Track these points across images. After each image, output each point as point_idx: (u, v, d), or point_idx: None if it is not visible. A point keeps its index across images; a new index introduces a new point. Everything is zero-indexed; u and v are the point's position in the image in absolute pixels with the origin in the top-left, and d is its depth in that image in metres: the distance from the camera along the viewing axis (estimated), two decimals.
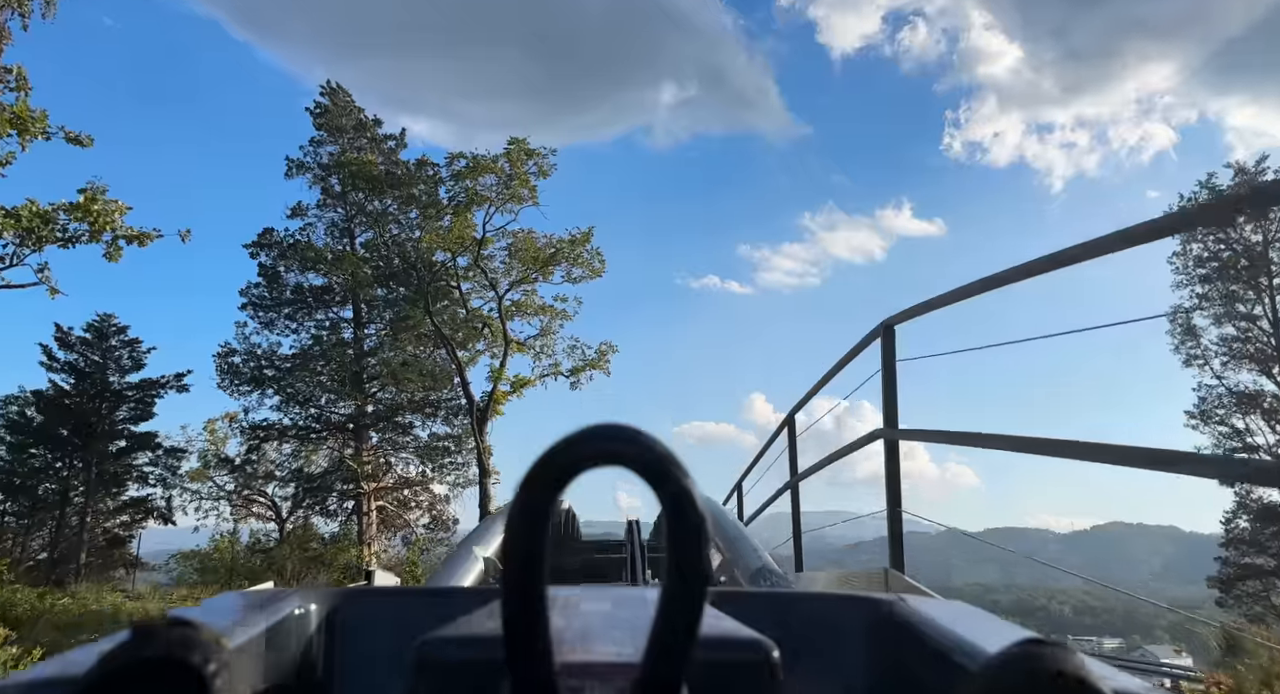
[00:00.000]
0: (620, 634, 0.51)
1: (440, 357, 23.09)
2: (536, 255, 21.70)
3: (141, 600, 16.33)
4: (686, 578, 0.36)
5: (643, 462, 0.36)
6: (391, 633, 0.72)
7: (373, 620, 0.74)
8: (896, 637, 0.69)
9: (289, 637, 0.65)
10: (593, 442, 0.36)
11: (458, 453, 24.06)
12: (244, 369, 22.57)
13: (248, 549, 21.11)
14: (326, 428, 23.37)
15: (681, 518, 0.36)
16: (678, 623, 0.36)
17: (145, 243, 14.06)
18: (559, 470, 0.36)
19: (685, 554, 0.36)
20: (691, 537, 0.36)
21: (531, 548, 0.36)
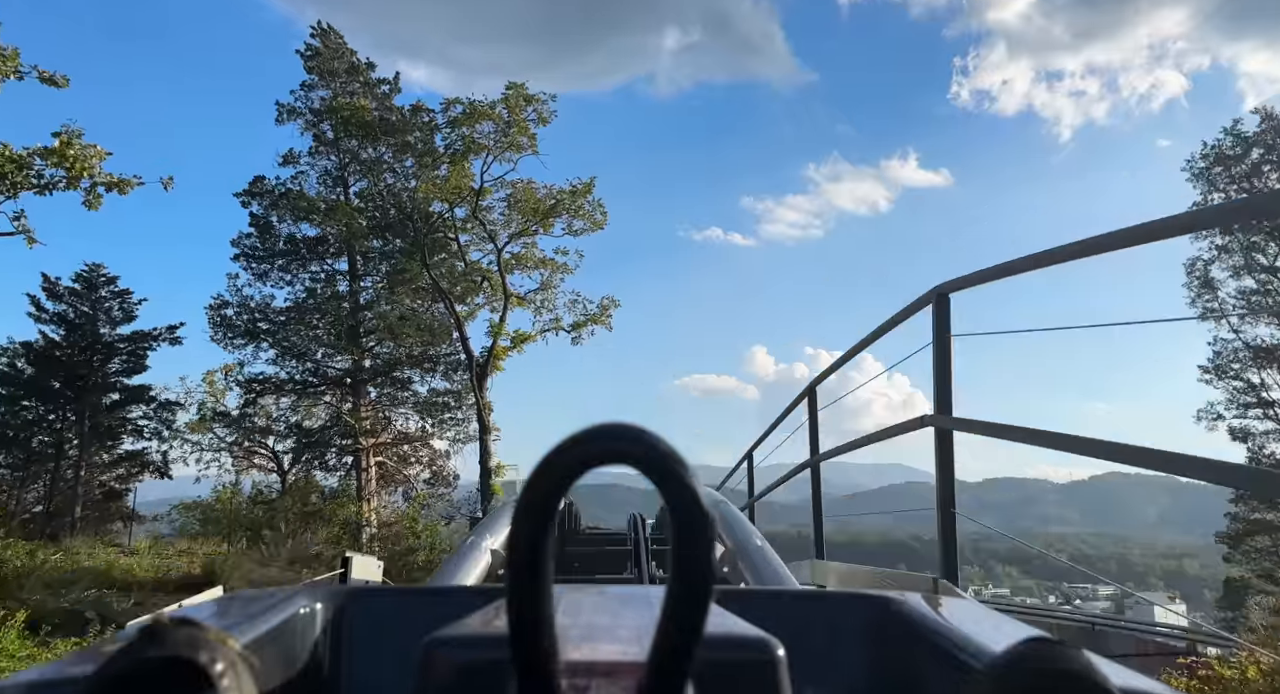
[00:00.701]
0: (626, 633, 0.50)
1: (438, 311, 22.53)
2: (536, 207, 20.97)
3: (136, 556, 16.10)
4: (691, 577, 0.36)
5: (647, 460, 0.36)
6: (397, 632, 0.71)
7: (379, 619, 0.73)
8: (902, 635, 0.68)
9: (295, 636, 0.65)
10: (597, 441, 0.37)
11: (458, 408, 23.68)
12: (237, 322, 22.05)
13: (250, 501, 20.97)
14: (324, 382, 22.95)
15: (686, 517, 0.36)
16: (683, 622, 0.36)
17: (126, 190, 13.43)
18: (563, 469, 0.37)
19: (690, 553, 0.36)
20: (696, 536, 0.36)
21: (536, 547, 0.36)
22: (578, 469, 0.36)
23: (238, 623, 0.57)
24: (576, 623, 0.53)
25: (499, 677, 0.43)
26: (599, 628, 0.53)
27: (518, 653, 0.37)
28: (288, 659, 0.63)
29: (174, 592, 13.44)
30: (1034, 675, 0.37)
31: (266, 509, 20.15)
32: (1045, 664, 0.37)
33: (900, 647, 0.69)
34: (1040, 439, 2.55)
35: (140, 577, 14.39)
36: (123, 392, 22.03)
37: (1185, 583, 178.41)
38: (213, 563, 14.81)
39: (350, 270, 23.24)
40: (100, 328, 21.94)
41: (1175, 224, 2.24)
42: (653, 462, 0.36)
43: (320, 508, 20.28)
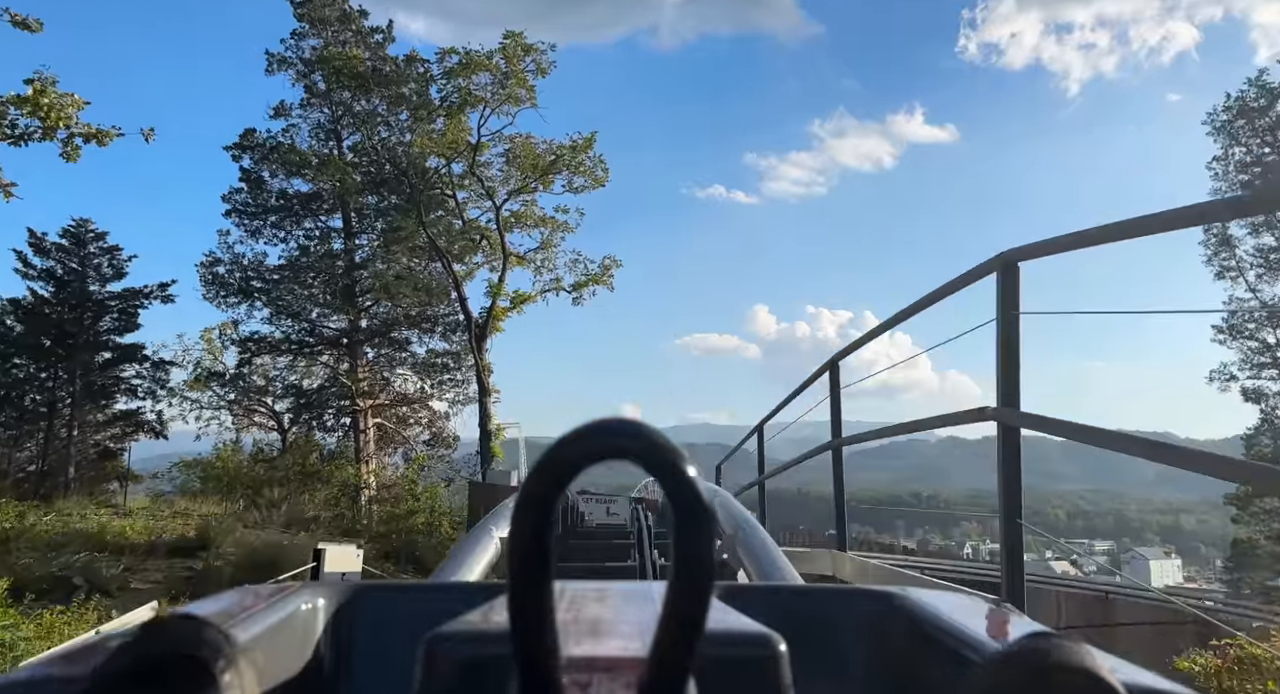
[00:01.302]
0: (627, 628, 0.51)
1: (436, 270, 21.97)
2: (536, 162, 20.27)
3: (130, 518, 15.84)
4: (693, 573, 0.36)
5: (648, 456, 0.36)
6: (400, 628, 0.71)
7: (381, 615, 0.74)
8: (903, 630, 0.69)
9: (297, 632, 0.65)
10: (597, 437, 0.37)
11: (457, 370, 23.30)
12: (230, 280, 21.51)
13: (250, 459, 20.81)
14: (320, 342, 22.53)
15: (687, 512, 0.36)
16: (684, 618, 0.37)
17: (105, 141, 12.83)
18: (564, 466, 0.37)
19: (691, 549, 0.36)
20: (697, 531, 0.36)
21: (537, 543, 0.36)
22: (578, 466, 0.37)
23: (240, 619, 0.56)
24: (578, 618, 0.53)
25: (500, 672, 0.42)
26: (600, 623, 0.53)
27: (519, 649, 0.37)
28: (290, 655, 0.63)
29: (166, 555, 13.23)
30: (1036, 670, 0.37)
31: (267, 467, 19.98)
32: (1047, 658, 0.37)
33: (902, 641, 0.68)
34: (1134, 447, 2.11)
35: (133, 539, 14.15)
36: (115, 350, 21.62)
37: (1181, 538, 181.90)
38: (207, 525, 14.57)
39: (345, 228, 22.62)
40: (90, 285, 21.43)
41: None
42: (653, 457, 0.36)
43: (319, 469, 20.05)
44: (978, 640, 0.58)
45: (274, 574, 11.67)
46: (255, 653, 0.50)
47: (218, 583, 11.29)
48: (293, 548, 13.69)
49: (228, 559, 12.16)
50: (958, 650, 0.59)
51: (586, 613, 0.56)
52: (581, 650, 0.45)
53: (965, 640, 0.59)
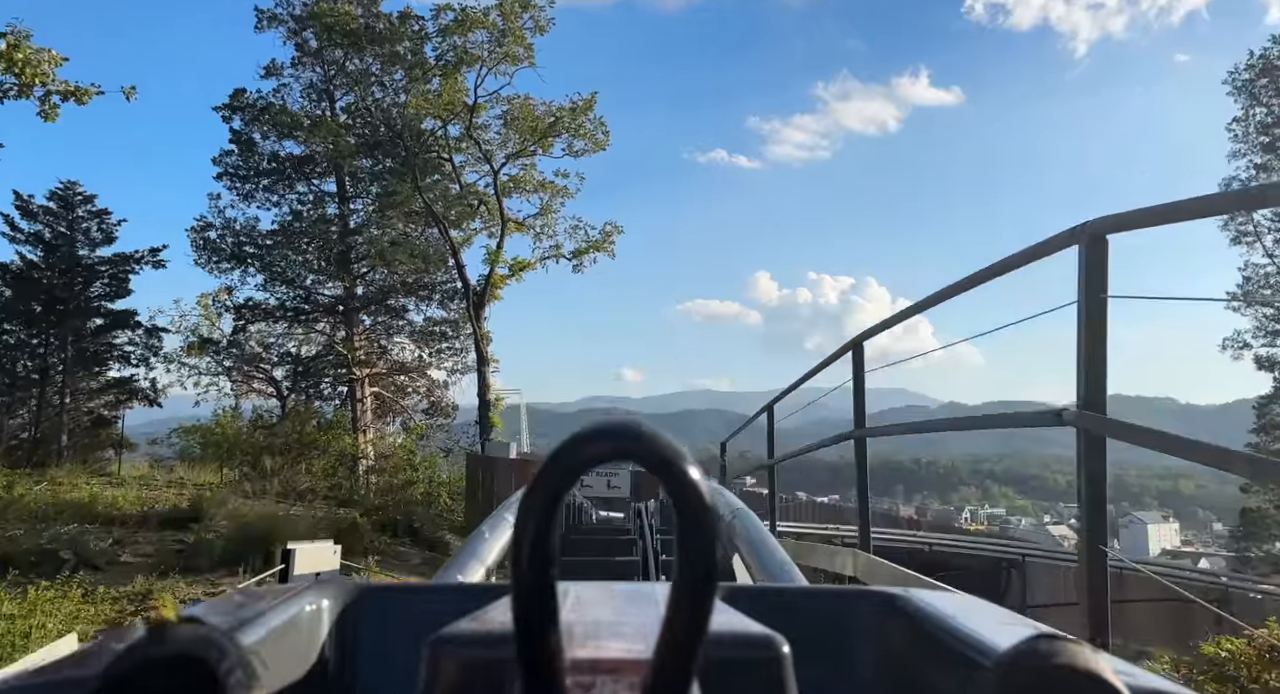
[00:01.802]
0: (630, 630, 0.51)
1: (432, 236, 21.46)
2: (534, 125, 19.62)
3: (122, 487, 15.61)
4: (696, 574, 0.36)
5: (651, 458, 0.37)
6: (405, 628, 0.71)
7: (386, 616, 0.74)
8: (907, 632, 0.69)
9: (302, 633, 0.65)
10: (601, 440, 0.37)
11: (455, 338, 22.93)
12: (222, 245, 21.01)
13: (250, 425, 20.57)
14: (316, 309, 22.11)
15: (690, 514, 0.36)
16: (687, 619, 0.37)
17: (84, 100, 12.32)
18: (567, 469, 0.37)
19: (694, 550, 0.36)
20: (700, 532, 0.36)
21: (541, 545, 0.37)
22: (581, 468, 0.37)
23: (244, 620, 0.56)
24: (581, 619, 0.53)
25: (505, 674, 0.43)
26: (604, 625, 0.52)
27: (522, 650, 0.37)
28: (294, 657, 0.63)
29: (158, 527, 13.00)
30: (1041, 672, 0.37)
31: (267, 434, 19.75)
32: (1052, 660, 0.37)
33: (906, 643, 0.68)
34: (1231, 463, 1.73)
35: (125, 510, 13.93)
36: (106, 316, 21.24)
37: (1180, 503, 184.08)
38: (201, 496, 14.32)
39: (339, 192, 22.04)
40: (79, 249, 20.96)
41: None
42: (656, 459, 0.36)
43: (316, 438, 19.79)
44: (983, 642, 0.56)
45: (267, 547, 11.43)
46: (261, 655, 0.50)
47: (209, 557, 11.07)
48: (287, 520, 13.45)
49: (219, 532, 11.91)
50: (963, 652, 0.58)
51: (590, 614, 0.55)
52: (585, 652, 0.45)
53: (970, 642, 0.58)
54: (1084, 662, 0.36)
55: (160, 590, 9.64)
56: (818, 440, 4.52)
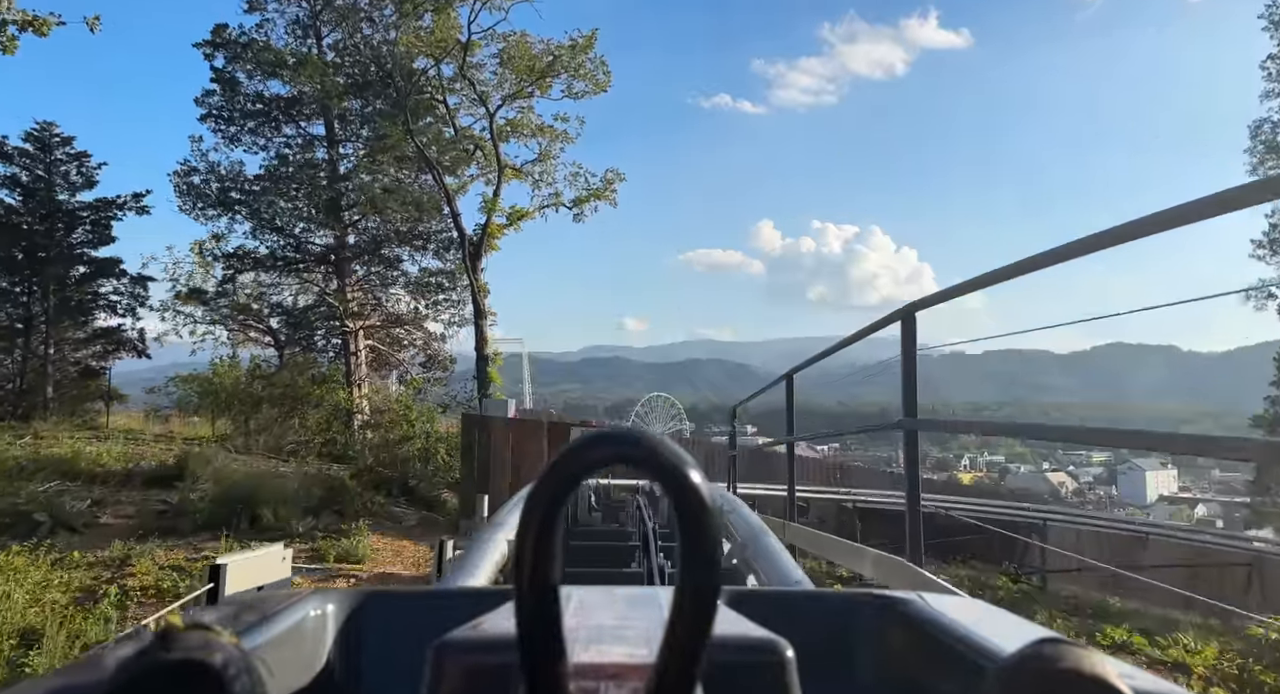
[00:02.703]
0: (634, 635, 0.51)
1: (426, 183, 20.56)
2: (532, 64, 18.53)
3: (108, 442, 15.17)
4: (699, 579, 0.37)
5: (653, 464, 0.37)
6: (408, 634, 0.72)
7: (390, 622, 0.74)
8: (912, 635, 0.69)
9: (307, 638, 0.66)
10: (604, 445, 0.37)
11: (452, 289, 22.21)
12: (207, 190, 20.13)
13: (248, 374, 20.14)
14: (306, 259, 21.35)
15: (693, 519, 0.36)
16: (691, 623, 0.37)
17: (45, 31, 11.46)
18: (570, 474, 0.37)
19: (697, 555, 0.37)
20: (704, 538, 0.36)
21: (544, 551, 0.37)
22: (584, 473, 0.37)
23: (250, 625, 0.57)
24: (584, 624, 0.53)
25: (508, 679, 0.43)
26: (607, 630, 0.52)
27: (525, 656, 0.37)
28: (300, 662, 0.63)
29: (142, 486, 12.58)
30: (1045, 676, 0.37)
31: (265, 384, 19.31)
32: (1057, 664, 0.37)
33: (911, 647, 0.68)
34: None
35: (109, 466, 13.50)
36: (90, 264, 20.54)
37: None
38: (187, 453, 13.87)
39: (327, 135, 21.02)
40: (58, 194, 20.15)
41: None
42: (659, 465, 0.36)
43: (309, 392, 19.30)
44: (987, 646, 0.57)
45: (253, 509, 11.01)
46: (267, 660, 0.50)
47: (192, 520, 10.64)
48: (275, 479, 13.02)
49: (203, 493, 11.47)
50: (967, 656, 0.58)
51: (593, 619, 0.55)
52: (588, 657, 0.45)
53: (974, 646, 0.58)
54: (1089, 666, 0.36)
55: (138, 555, 9.23)
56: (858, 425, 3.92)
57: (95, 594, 8.31)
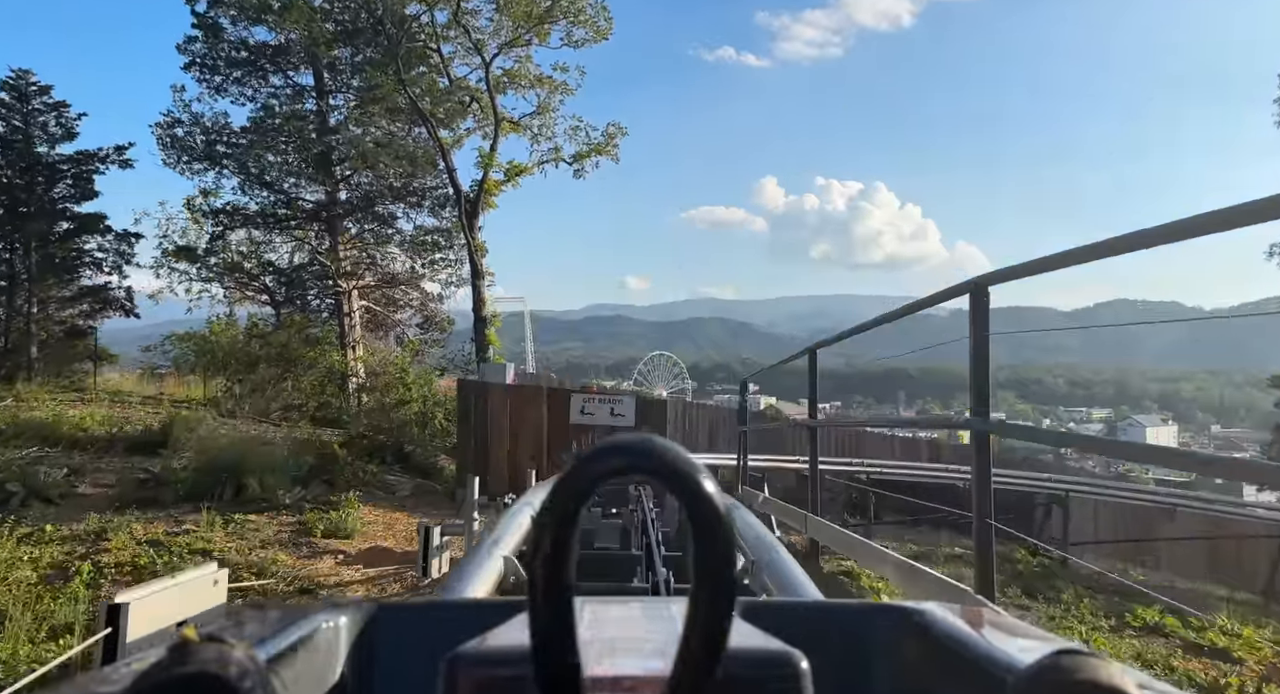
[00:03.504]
0: (648, 647, 0.51)
1: (420, 136, 19.68)
2: (529, 9, 17.51)
3: (91, 405, 14.70)
4: (714, 592, 0.36)
5: (667, 474, 0.37)
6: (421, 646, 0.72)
7: (403, 634, 0.74)
8: (927, 647, 0.68)
9: (320, 651, 0.66)
10: (617, 456, 0.37)
11: (449, 248, 21.50)
12: (192, 143, 19.27)
13: (246, 333, 19.68)
14: (298, 215, 20.60)
15: (707, 530, 0.36)
16: (705, 636, 0.37)
17: None
18: (585, 483, 0.37)
19: (711, 567, 0.36)
20: (718, 549, 0.36)
21: (558, 561, 0.37)
22: (596, 484, 0.37)
23: (263, 638, 0.56)
24: (598, 636, 0.53)
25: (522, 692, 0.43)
26: (620, 641, 0.52)
27: (540, 669, 0.37)
28: (313, 675, 0.63)
29: (125, 453, 12.14)
30: (1063, 688, 0.37)
31: (262, 343, 18.82)
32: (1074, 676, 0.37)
33: (926, 659, 0.67)
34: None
35: (92, 431, 13.05)
36: (73, 220, 19.83)
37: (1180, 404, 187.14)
38: (173, 418, 13.40)
39: (316, 85, 20.06)
40: (37, 146, 19.33)
41: None
42: (673, 475, 0.36)
43: (302, 353, 18.78)
44: (1003, 658, 0.56)
45: (239, 478, 10.55)
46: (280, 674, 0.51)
47: (173, 491, 10.19)
48: (263, 446, 12.57)
49: (187, 462, 11.01)
50: (983, 669, 0.57)
51: (606, 631, 0.54)
52: (602, 670, 0.45)
53: (990, 658, 0.57)
54: (1107, 677, 0.36)
55: (115, 529, 8.78)
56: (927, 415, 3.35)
57: (68, 572, 7.87)
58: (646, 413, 13.54)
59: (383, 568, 8.67)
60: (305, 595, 7.82)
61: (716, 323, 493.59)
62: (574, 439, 12.94)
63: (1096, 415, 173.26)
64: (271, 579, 7.99)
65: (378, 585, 8.25)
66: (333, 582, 8.22)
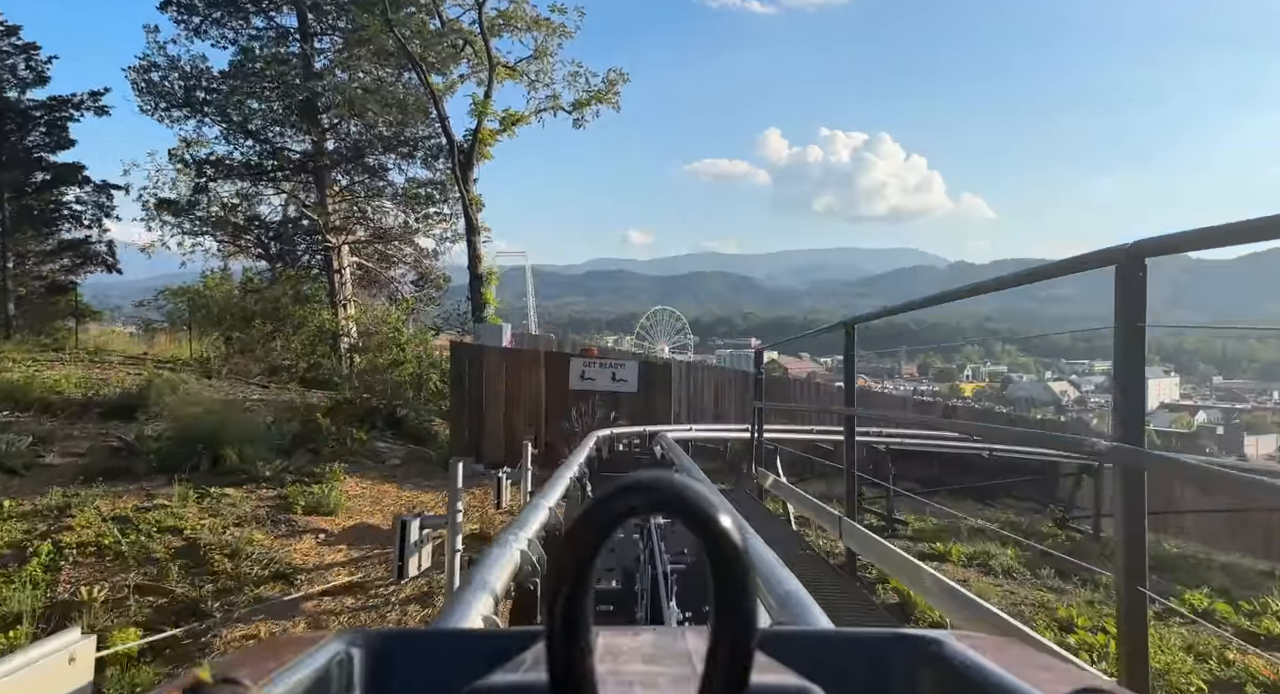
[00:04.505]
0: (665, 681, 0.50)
1: (410, 82, 18.58)
2: None
3: (68, 366, 14.06)
4: (734, 628, 0.37)
5: (685, 511, 0.37)
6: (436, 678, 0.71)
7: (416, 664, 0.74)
8: (945, 678, 0.66)
9: (334, 684, 0.65)
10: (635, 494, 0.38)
11: (443, 202, 20.57)
12: (170, 88, 18.19)
13: (240, 288, 19.00)
14: (284, 165, 19.62)
15: (727, 568, 0.36)
16: (727, 675, 0.37)
17: None
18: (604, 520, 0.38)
19: (731, 602, 0.37)
20: (737, 583, 0.36)
21: (576, 596, 0.37)
22: (614, 524, 0.37)
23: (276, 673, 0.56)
24: (613, 670, 0.51)
25: None
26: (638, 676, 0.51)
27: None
28: None
29: (99, 418, 11.52)
30: None
31: (258, 298, 18.13)
32: None
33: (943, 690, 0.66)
34: None
35: (68, 394, 12.43)
36: (49, 170, 18.89)
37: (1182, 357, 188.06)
38: (151, 381, 12.74)
39: (300, 27, 18.86)
40: (7, 91, 18.29)
41: None
42: (691, 512, 0.37)
43: (291, 311, 18.06)
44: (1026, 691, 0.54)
45: (216, 448, 9.93)
46: None
47: (147, 463, 9.59)
48: (244, 411, 11.96)
49: (163, 430, 10.40)
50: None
51: (622, 665, 0.53)
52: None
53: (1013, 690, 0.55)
54: None
55: (80, 504, 8.21)
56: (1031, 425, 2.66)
57: (25, 553, 7.31)
58: (650, 377, 12.87)
59: (367, 549, 8.10)
60: (279, 580, 7.29)
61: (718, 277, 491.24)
62: (574, 405, 12.32)
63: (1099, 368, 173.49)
64: (246, 562, 7.46)
65: (361, 568, 7.69)
66: (312, 564, 7.66)
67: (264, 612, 6.60)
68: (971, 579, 7.68)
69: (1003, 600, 7.04)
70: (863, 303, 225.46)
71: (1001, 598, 7.07)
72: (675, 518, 0.36)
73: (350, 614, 6.69)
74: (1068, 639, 5.90)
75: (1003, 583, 7.66)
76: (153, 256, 19.76)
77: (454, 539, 5.20)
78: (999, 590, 7.29)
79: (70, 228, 19.46)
